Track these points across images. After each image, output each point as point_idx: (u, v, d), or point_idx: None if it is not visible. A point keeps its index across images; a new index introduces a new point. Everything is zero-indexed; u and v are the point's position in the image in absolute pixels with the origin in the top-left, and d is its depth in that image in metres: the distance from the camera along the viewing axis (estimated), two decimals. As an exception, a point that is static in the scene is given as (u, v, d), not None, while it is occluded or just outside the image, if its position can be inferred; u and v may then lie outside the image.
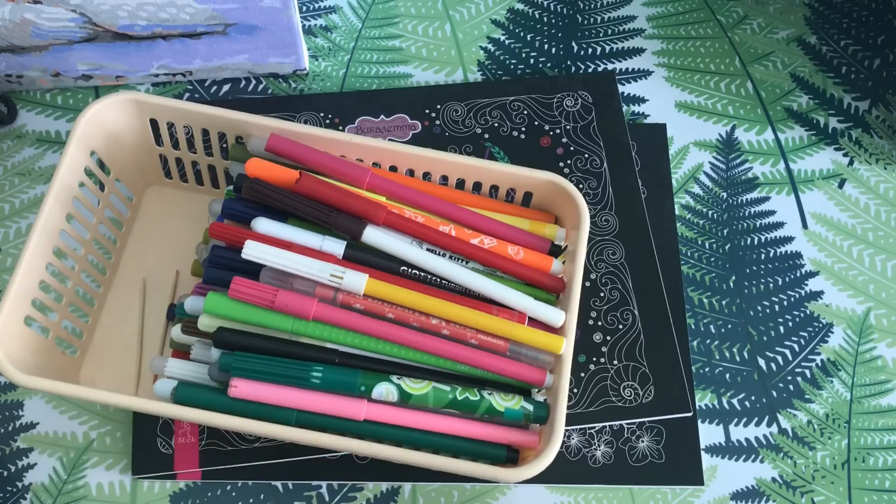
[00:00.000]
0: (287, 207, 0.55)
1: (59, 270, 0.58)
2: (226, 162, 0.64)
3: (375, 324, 0.53)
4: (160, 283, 0.65)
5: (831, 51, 0.76)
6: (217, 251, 0.56)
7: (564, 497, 0.60)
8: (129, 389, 0.61)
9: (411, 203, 0.58)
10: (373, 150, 0.59)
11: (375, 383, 0.52)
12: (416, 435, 0.53)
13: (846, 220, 0.69)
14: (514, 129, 0.70)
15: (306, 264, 0.52)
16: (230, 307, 0.52)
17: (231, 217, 0.57)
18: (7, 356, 0.52)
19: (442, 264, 0.55)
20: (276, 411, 0.52)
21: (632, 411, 0.61)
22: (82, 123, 0.58)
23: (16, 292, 0.54)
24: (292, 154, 0.57)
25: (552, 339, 0.54)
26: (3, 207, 0.68)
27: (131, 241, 0.66)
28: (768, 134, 0.73)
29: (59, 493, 0.60)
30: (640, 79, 0.75)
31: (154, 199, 0.67)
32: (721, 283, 0.67)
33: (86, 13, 0.64)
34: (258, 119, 0.58)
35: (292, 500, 0.60)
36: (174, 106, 0.59)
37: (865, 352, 0.65)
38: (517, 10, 0.78)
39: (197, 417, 0.51)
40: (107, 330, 0.63)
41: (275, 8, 0.66)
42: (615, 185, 0.68)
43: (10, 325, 0.53)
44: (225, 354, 0.52)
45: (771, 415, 0.63)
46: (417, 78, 0.74)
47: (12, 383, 0.57)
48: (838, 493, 0.61)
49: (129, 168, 0.65)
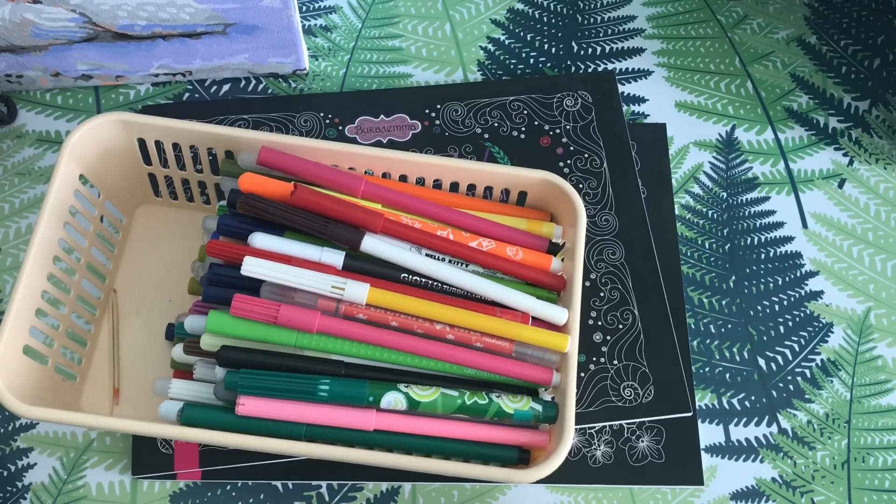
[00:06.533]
0: (283, 221, 0.54)
1: (55, 297, 0.58)
2: (216, 177, 0.64)
3: (380, 333, 0.53)
4: (156, 302, 0.64)
5: (831, 51, 0.76)
6: (215, 269, 0.55)
7: (564, 497, 0.60)
8: (127, 410, 0.61)
9: (407, 209, 0.58)
10: (364, 157, 0.59)
11: (384, 393, 0.52)
12: (426, 442, 0.53)
13: (846, 219, 0.69)
14: (514, 129, 0.70)
15: (307, 277, 0.52)
16: (233, 325, 0.52)
17: (226, 233, 0.56)
18: (8, 387, 0.51)
19: (442, 269, 0.55)
20: (285, 426, 0.52)
21: (632, 411, 0.61)
22: (69, 147, 0.57)
23: (13, 322, 0.53)
24: (284, 166, 0.57)
25: (557, 338, 0.54)
26: (3, 207, 0.68)
27: (124, 262, 0.65)
28: (768, 134, 0.73)
29: (59, 493, 0.60)
30: (640, 79, 0.75)
31: (145, 219, 0.67)
32: (721, 283, 0.67)
33: (86, 13, 0.64)
34: (247, 133, 0.58)
35: (292, 500, 0.60)
36: (162, 124, 0.59)
37: (865, 352, 0.65)
38: (517, 10, 0.78)
39: (205, 438, 0.51)
40: (106, 354, 0.62)
41: (275, 8, 0.66)
42: (615, 185, 0.68)
43: (9, 356, 0.53)
44: (230, 373, 0.52)
45: (771, 415, 0.63)
46: (417, 78, 0.74)
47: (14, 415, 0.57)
48: (838, 493, 0.61)
49: (119, 188, 0.64)
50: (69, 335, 0.61)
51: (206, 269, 0.57)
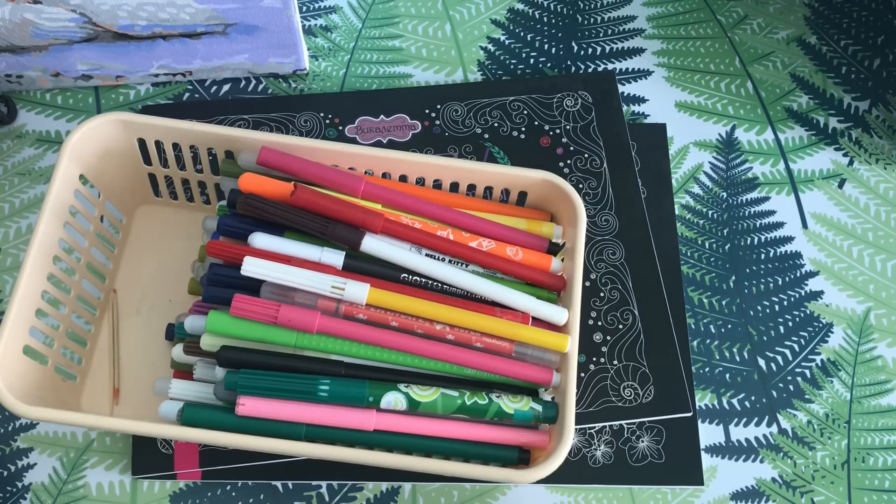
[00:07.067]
0: (283, 221, 0.54)
1: (55, 297, 0.58)
2: (216, 177, 0.64)
3: (380, 333, 0.53)
4: (156, 302, 0.64)
5: (831, 51, 0.76)
6: (215, 269, 0.55)
7: (564, 497, 0.60)
8: (127, 410, 0.61)
9: (407, 209, 0.58)
10: (364, 157, 0.59)
11: (384, 393, 0.52)
12: (426, 442, 0.53)
13: (846, 220, 0.69)
14: (514, 129, 0.70)
15: (307, 277, 0.52)
16: (233, 325, 0.52)
17: (226, 233, 0.56)
18: (8, 387, 0.51)
19: (442, 269, 0.55)
20: (285, 427, 0.52)
21: (632, 411, 0.61)
22: (69, 147, 0.57)
23: (13, 322, 0.53)
24: (284, 166, 0.57)
25: (557, 338, 0.54)
26: (3, 207, 0.68)
27: (124, 262, 0.65)
28: (768, 134, 0.73)
29: (59, 493, 0.60)
30: (640, 79, 0.75)
31: (145, 219, 0.67)
32: (721, 283, 0.67)
33: (86, 13, 0.64)
34: (247, 133, 0.58)
35: (292, 500, 0.60)
36: (162, 124, 0.59)
37: (865, 352, 0.65)
38: (517, 10, 0.78)
39: (206, 438, 0.51)
40: (106, 354, 0.62)
41: (275, 8, 0.66)
42: (615, 185, 0.68)
43: (9, 356, 0.53)
44: (230, 373, 0.52)
45: (771, 415, 0.63)
46: (417, 78, 0.74)
47: (15, 415, 0.57)
48: (838, 493, 0.61)
49: (119, 188, 0.64)
50: (69, 335, 0.61)
51: (206, 269, 0.57)
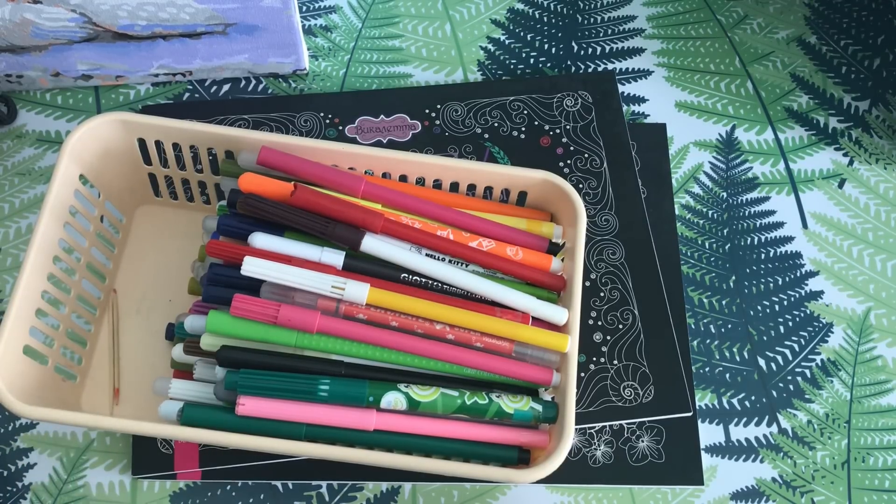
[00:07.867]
0: (284, 221, 0.54)
1: (55, 297, 0.58)
2: (216, 177, 0.64)
3: (380, 333, 0.53)
4: (156, 302, 0.64)
5: (831, 51, 0.76)
6: (215, 269, 0.55)
7: (564, 497, 0.60)
8: (127, 410, 0.61)
9: (408, 209, 0.58)
10: (364, 157, 0.59)
11: (384, 393, 0.52)
12: (426, 442, 0.53)
13: (846, 219, 0.69)
14: (514, 129, 0.70)
15: (307, 277, 0.52)
16: (233, 325, 0.52)
17: (226, 233, 0.56)
18: (8, 387, 0.51)
19: (442, 269, 0.55)
20: (285, 426, 0.52)
21: (632, 411, 0.61)
22: (69, 147, 0.57)
23: (13, 322, 0.53)
24: (284, 166, 0.57)
25: (557, 338, 0.54)
26: (3, 207, 0.68)
27: (124, 262, 0.65)
28: (768, 134, 0.73)
29: (59, 493, 0.60)
30: (640, 79, 0.75)
31: (145, 219, 0.67)
32: (721, 283, 0.67)
33: (86, 13, 0.64)
34: (247, 133, 0.58)
35: (292, 500, 0.60)
36: (162, 124, 0.59)
37: (865, 352, 0.65)
38: (517, 10, 0.78)
39: (205, 438, 0.51)
40: (106, 354, 0.62)
41: (275, 8, 0.66)
42: (615, 185, 0.68)
43: (9, 356, 0.53)
44: (230, 373, 0.52)
45: (771, 415, 0.63)
46: (417, 78, 0.74)
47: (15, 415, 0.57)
48: (838, 493, 0.61)
49: (119, 188, 0.64)
50: (69, 335, 0.61)
51: (206, 269, 0.57)
